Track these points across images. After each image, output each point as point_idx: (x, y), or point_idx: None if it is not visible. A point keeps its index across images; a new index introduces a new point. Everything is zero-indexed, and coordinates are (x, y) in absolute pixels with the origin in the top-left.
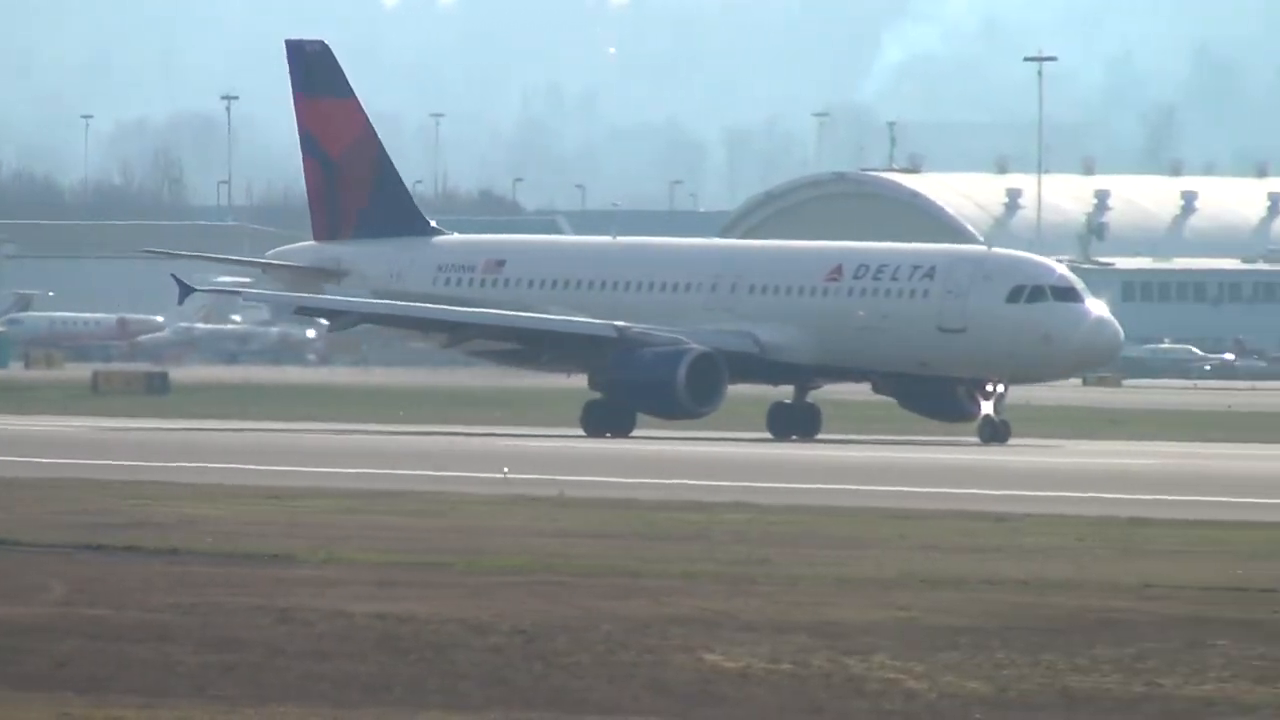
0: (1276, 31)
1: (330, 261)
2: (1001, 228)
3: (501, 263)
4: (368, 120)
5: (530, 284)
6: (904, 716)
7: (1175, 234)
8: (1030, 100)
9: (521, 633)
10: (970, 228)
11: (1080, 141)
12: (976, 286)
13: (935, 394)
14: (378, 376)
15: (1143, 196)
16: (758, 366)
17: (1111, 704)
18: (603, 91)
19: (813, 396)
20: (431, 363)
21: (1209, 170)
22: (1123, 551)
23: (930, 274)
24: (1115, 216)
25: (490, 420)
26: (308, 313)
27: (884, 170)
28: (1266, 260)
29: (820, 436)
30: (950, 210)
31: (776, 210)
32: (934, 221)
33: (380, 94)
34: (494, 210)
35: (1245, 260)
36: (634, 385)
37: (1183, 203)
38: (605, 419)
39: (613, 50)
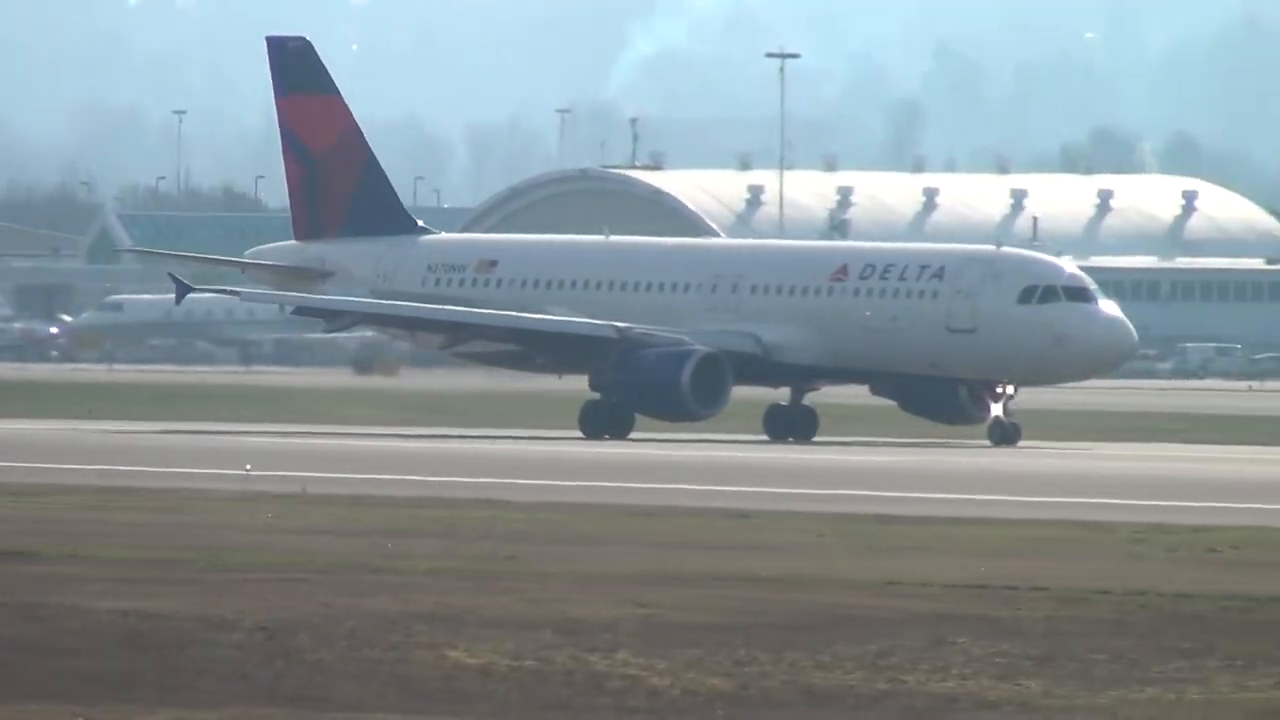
0: (1016, 29)
1: (315, 261)
2: (744, 224)
3: (494, 263)
4: (352, 117)
5: (524, 284)
6: (647, 714)
7: (917, 230)
8: (773, 97)
9: (263, 629)
10: (712, 224)
11: (823, 138)
12: (987, 287)
13: (937, 396)
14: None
15: (885, 193)
16: (760, 368)
17: (854, 701)
18: (344, 88)
19: (813, 400)
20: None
21: (951, 167)
22: (866, 548)
23: (939, 274)
24: (857, 213)
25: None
26: (307, 313)
27: (626, 167)
28: None
29: (817, 439)
30: (693, 206)
31: (520, 207)
32: (677, 218)
33: (122, 89)
34: (236, 207)
35: None
36: (637, 387)
37: (924, 199)
38: (603, 420)
39: (355, 47)
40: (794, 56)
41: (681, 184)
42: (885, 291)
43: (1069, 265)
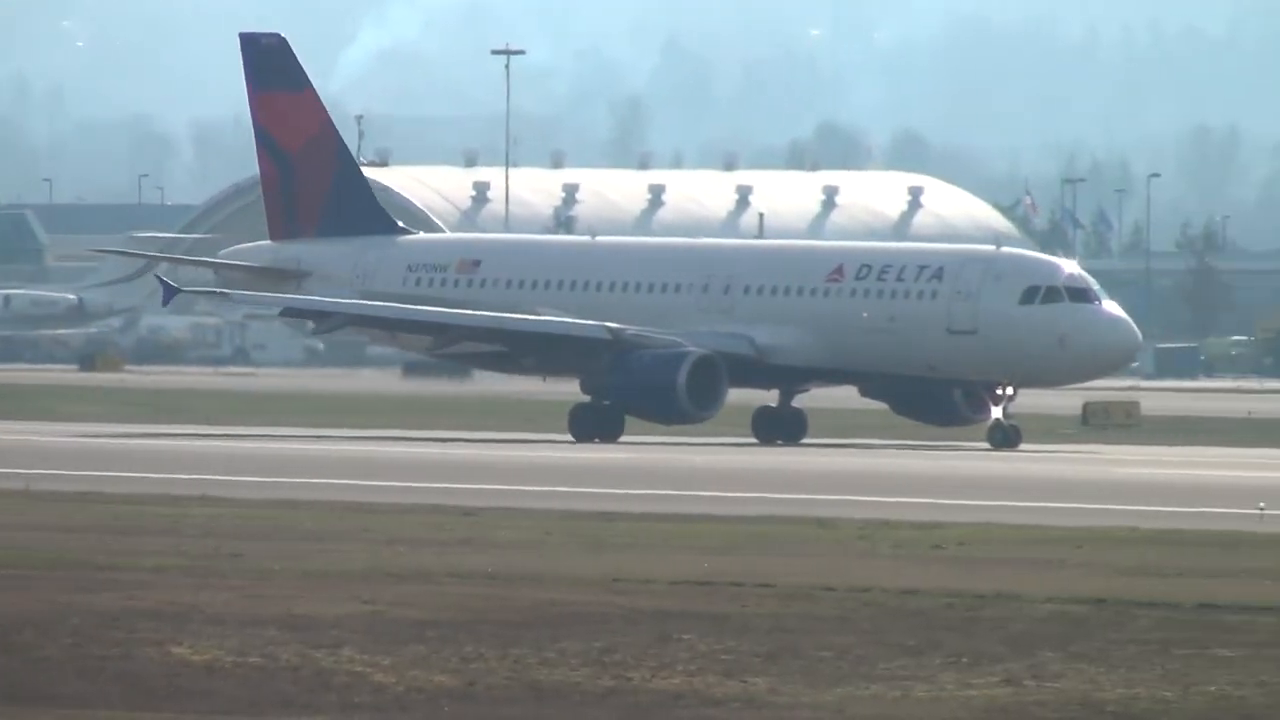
0: (743, 25)
1: (290, 262)
2: (470, 221)
3: (477, 262)
4: (327, 115)
5: (509, 284)
6: (373, 710)
7: (644, 226)
8: (500, 93)
9: None
10: (438, 221)
11: (550, 135)
12: (988, 287)
13: (931, 399)
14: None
15: (611, 189)
16: (754, 370)
17: (580, 697)
18: (70, 84)
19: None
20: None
21: (677, 163)
22: (592, 545)
23: (938, 274)
24: (584, 209)
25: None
26: (295, 314)
27: None
28: None
29: (805, 441)
30: (418, 203)
31: (244, 205)
32: (403, 215)
33: None
34: None
35: None
36: (633, 389)
37: (650, 196)
38: (594, 423)
39: (81, 44)
40: (519, 53)
41: (407, 181)
42: (883, 292)
43: (1068, 265)
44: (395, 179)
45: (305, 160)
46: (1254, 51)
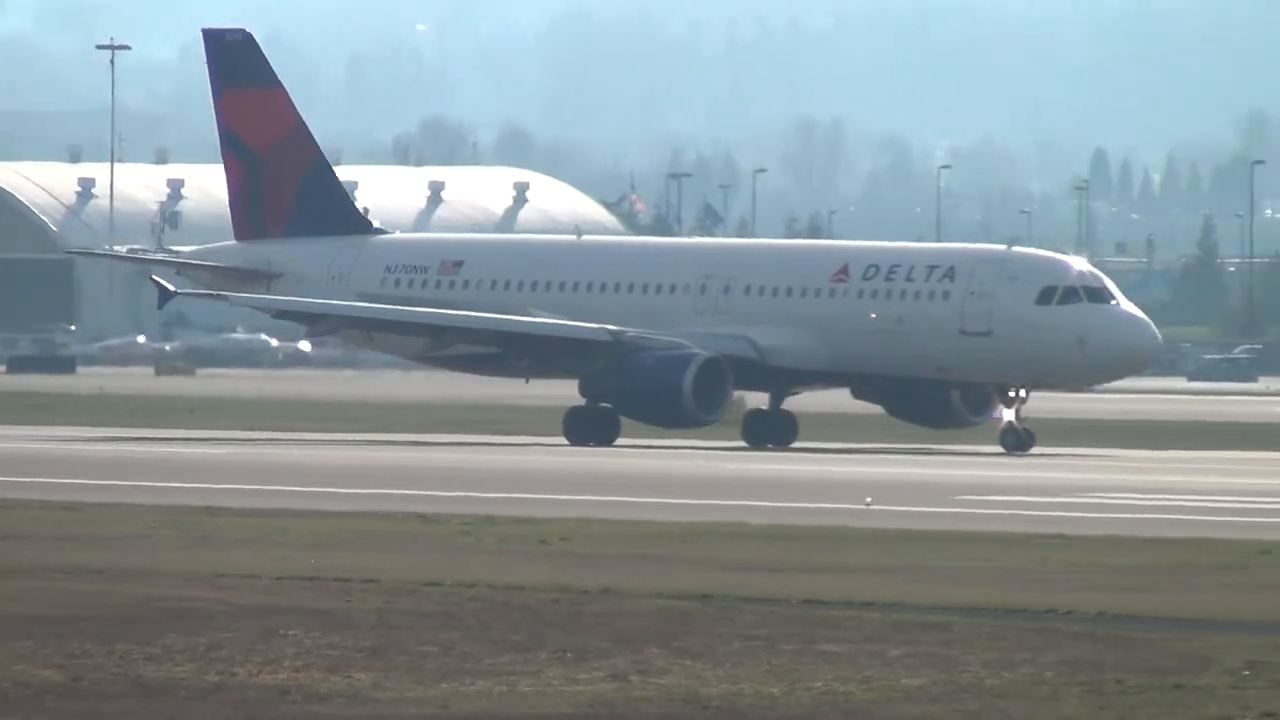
0: (347, 19)
1: (260, 262)
2: (75, 217)
3: (459, 263)
4: (296, 112)
5: (493, 285)
6: None
7: None
8: (105, 89)
9: None
10: (43, 217)
11: (156, 131)
12: (1002, 287)
13: (927, 400)
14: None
15: (217, 185)
16: (756, 372)
17: (186, 693)
18: None
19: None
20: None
21: None
22: (197, 540)
23: (950, 274)
24: (190, 206)
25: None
26: (288, 316)
27: None
28: None
29: (795, 445)
30: (23, 200)
31: None
32: (7, 211)
33: None
34: None
35: None
36: (636, 393)
37: None
38: (589, 427)
39: None
40: (124, 48)
41: (10, 176)
42: (891, 293)
43: (1078, 263)
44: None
45: (274, 158)
46: (859, 46)
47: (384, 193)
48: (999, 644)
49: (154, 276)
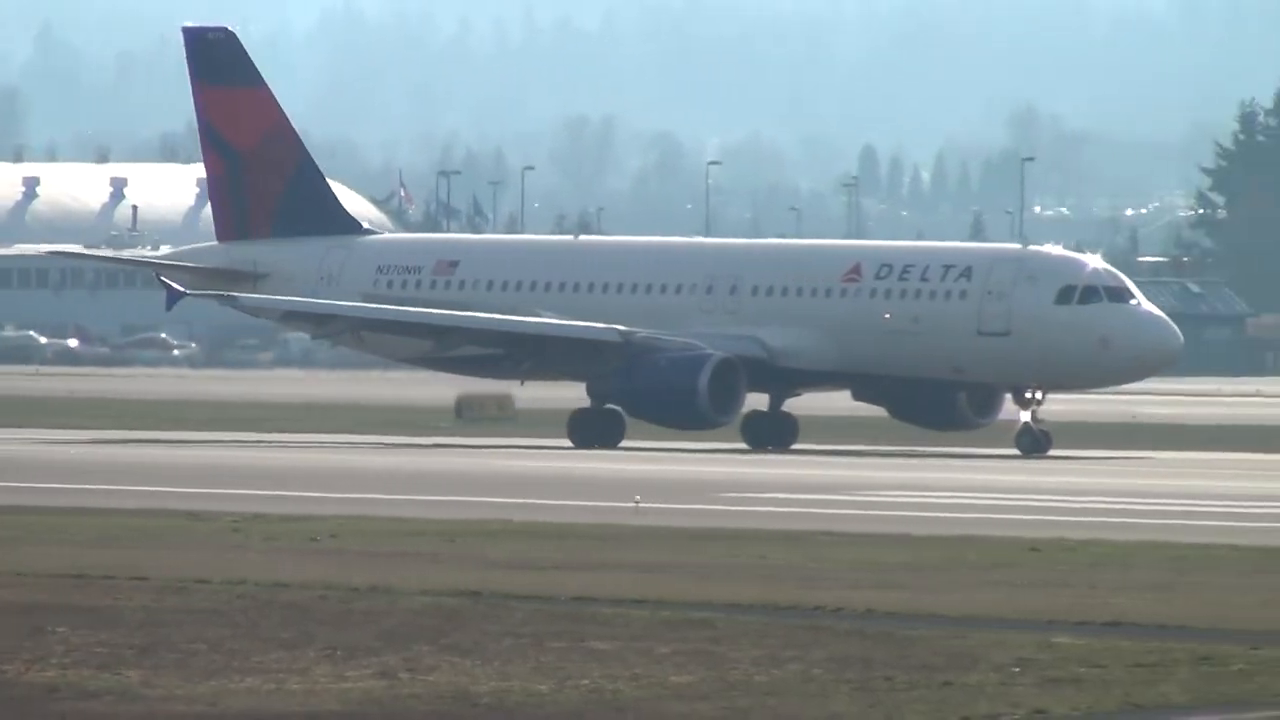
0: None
1: (245, 263)
2: None
3: (454, 263)
4: (281, 110)
5: (490, 286)
6: None
7: (18, 222)
8: None
9: None
10: None
11: None
12: (1021, 287)
13: (931, 402)
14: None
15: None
16: (766, 373)
17: None
18: None
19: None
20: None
21: (52, 156)
22: None
23: (966, 274)
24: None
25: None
26: (295, 318)
27: None
28: (109, 245)
29: (796, 447)
30: None
31: None
32: None
33: None
34: None
35: (88, 246)
36: (650, 394)
37: (25, 189)
38: (594, 429)
39: None
40: None
41: None
42: (906, 292)
43: (1093, 260)
44: None
45: (258, 158)
46: (628, 44)
47: (154, 191)
48: (768, 641)
49: (162, 277)
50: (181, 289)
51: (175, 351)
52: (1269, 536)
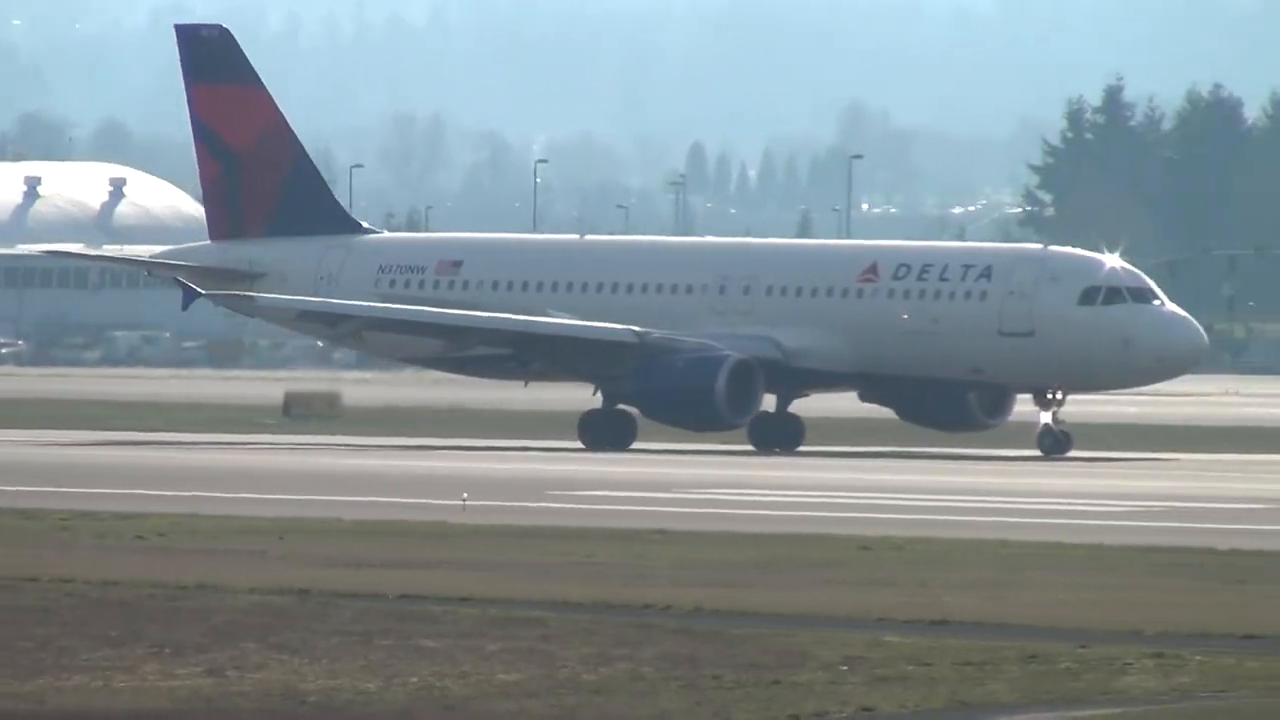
0: None
1: (241, 262)
2: None
3: (458, 263)
4: (277, 109)
5: (495, 286)
6: None
7: None
8: None
9: None
10: None
11: None
12: (1044, 287)
13: (941, 403)
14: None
15: None
16: (781, 374)
17: None
18: None
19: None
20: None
21: None
22: None
23: (987, 274)
24: None
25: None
26: (309, 318)
27: None
28: None
29: (802, 448)
30: None
31: None
32: None
33: None
34: None
35: None
36: (666, 395)
37: None
38: (605, 430)
39: None
40: None
41: None
42: (925, 293)
43: (1113, 260)
44: None
45: (254, 156)
46: (457, 41)
47: None
48: (596, 639)
49: (179, 279)
50: (198, 289)
51: (2, 350)
52: (1099, 534)
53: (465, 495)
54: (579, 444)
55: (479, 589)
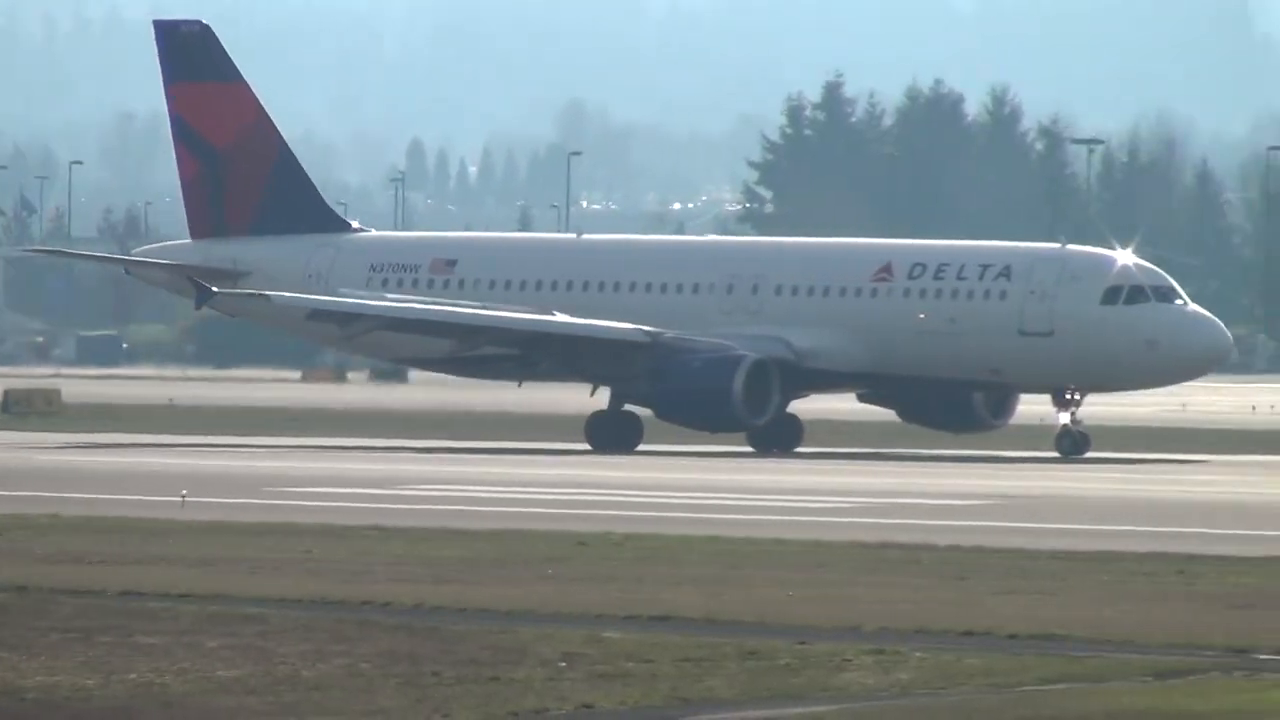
0: None
1: (225, 261)
2: None
3: (452, 262)
4: (260, 105)
5: (491, 285)
6: None
7: None
8: None
9: None
10: None
11: None
12: (1065, 287)
13: (946, 403)
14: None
15: None
16: (793, 374)
17: None
18: None
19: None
20: None
21: None
22: None
23: (1005, 273)
24: None
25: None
26: (320, 317)
27: None
28: None
29: (800, 450)
30: None
31: None
32: None
33: None
34: None
35: None
36: (682, 396)
37: None
38: (613, 431)
39: None
40: None
41: None
42: (942, 292)
43: (1127, 257)
44: None
45: (236, 153)
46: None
47: None
48: (315, 636)
49: (191, 276)
50: (213, 288)
51: None
52: (819, 531)
53: (184, 492)
54: (586, 445)
55: (198, 586)
